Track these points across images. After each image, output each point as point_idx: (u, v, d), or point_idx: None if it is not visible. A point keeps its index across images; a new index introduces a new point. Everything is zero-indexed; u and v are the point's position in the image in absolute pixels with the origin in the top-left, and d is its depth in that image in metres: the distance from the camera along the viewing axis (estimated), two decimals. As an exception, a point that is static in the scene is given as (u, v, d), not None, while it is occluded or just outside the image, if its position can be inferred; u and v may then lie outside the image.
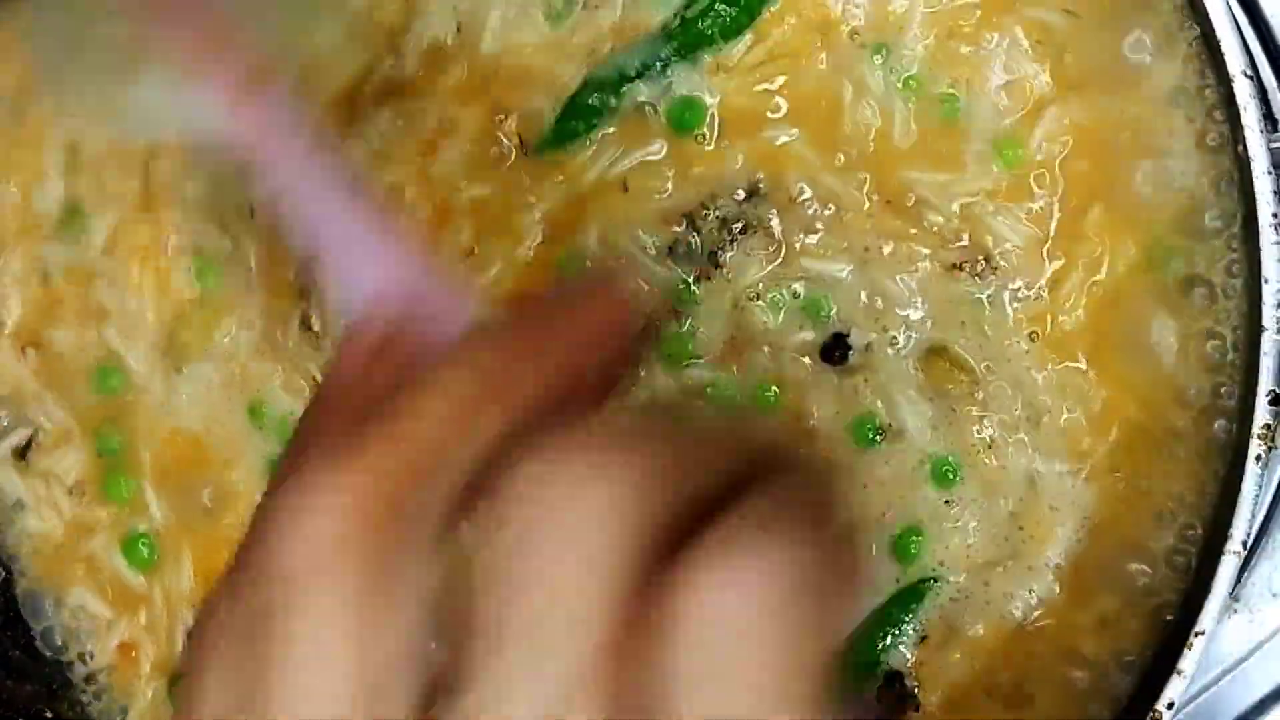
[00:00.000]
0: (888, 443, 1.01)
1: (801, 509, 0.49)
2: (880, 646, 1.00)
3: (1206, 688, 1.09)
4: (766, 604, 0.46)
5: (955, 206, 1.01)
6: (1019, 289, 1.01)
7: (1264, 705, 1.10)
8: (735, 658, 0.46)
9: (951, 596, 1.01)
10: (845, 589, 0.49)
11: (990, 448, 1.01)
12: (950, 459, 1.00)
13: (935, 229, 1.01)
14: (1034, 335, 1.01)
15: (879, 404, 1.01)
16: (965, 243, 1.01)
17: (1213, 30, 0.95)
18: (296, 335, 1.06)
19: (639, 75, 1.02)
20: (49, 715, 1.11)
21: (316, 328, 1.06)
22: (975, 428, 1.00)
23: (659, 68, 1.02)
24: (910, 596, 1.00)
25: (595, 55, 1.03)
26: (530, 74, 1.02)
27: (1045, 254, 1.00)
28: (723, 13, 1.01)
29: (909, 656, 1.01)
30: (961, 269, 1.01)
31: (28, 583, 1.11)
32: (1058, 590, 1.00)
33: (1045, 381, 1.00)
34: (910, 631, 1.01)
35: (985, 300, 1.01)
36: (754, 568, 0.46)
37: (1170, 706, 0.93)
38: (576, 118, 1.02)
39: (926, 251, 1.01)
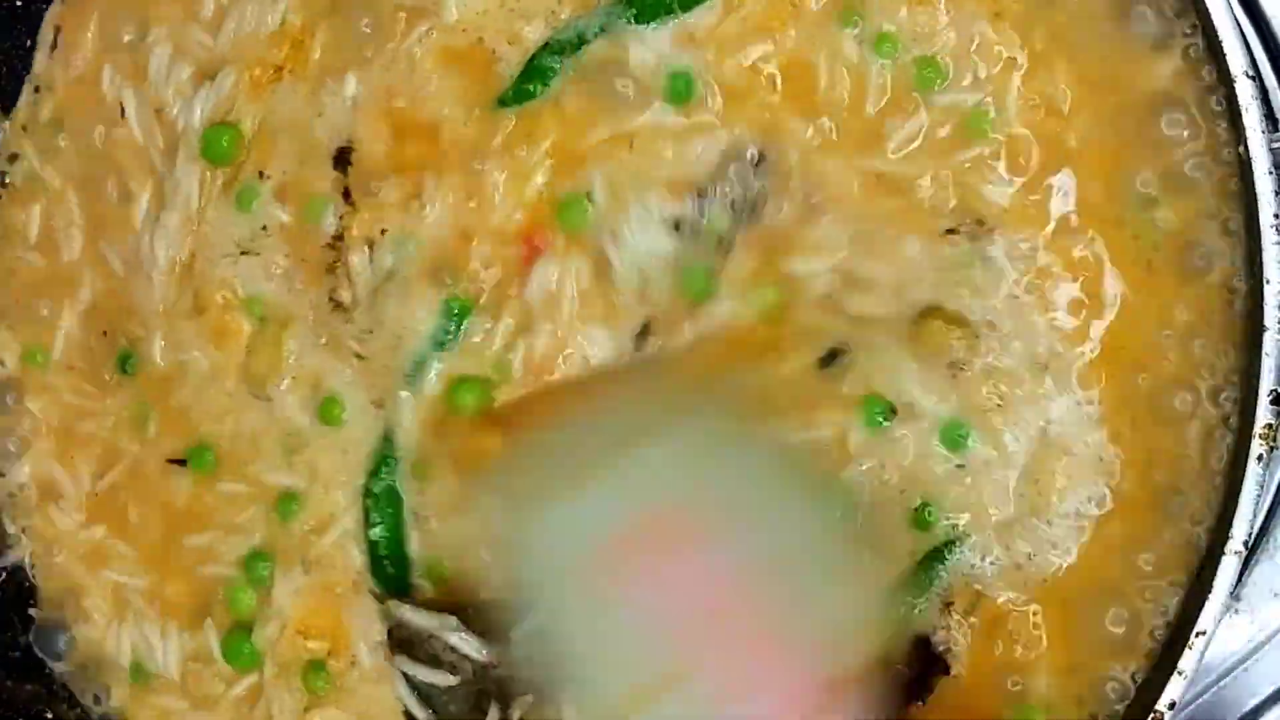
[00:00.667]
0: (898, 420, 1.01)
1: None
2: (907, 612, 1.01)
3: (1208, 688, 1.09)
4: None
5: (940, 175, 1.02)
6: (1014, 244, 1.01)
7: (1265, 705, 1.10)
8: None
9: (972, 562, 1.01)
10: None
11: (1000, 407, 1.01)
12: (959, 421, 1.01)
13: (926, 200, 1.02)
14: (1032, 287, 1.01)
15: (884, 381, 1.01)
16: (955, 206, 1.02)
17: (1214, 31, 0.95)
18: (328, 312, 1.08)
19: (596, 38, 1.04)
20: (49, 715, 1.11)
21: (346, 300, 1.08)
22: (983, 388, 1.01)
23: (619, 32, 1.04)
24: (934, 559, 1.01)
25: (554, 17, 1.05)
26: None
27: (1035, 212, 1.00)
28: None
29: (936, 622, 1.01)
30: (957, 232, 1.02)
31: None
32: (1076, 548, 1.00)
33: (1047, 327, 1.01)
34: (935, 595, 1.01)
35: (982, 258, 1.01)
36: None
37: (1172, 706, 0.93)
38: (533, 79, 1.05)
39: (920, 220, 1.02)
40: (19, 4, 1.14)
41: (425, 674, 1.03)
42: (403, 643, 1.04)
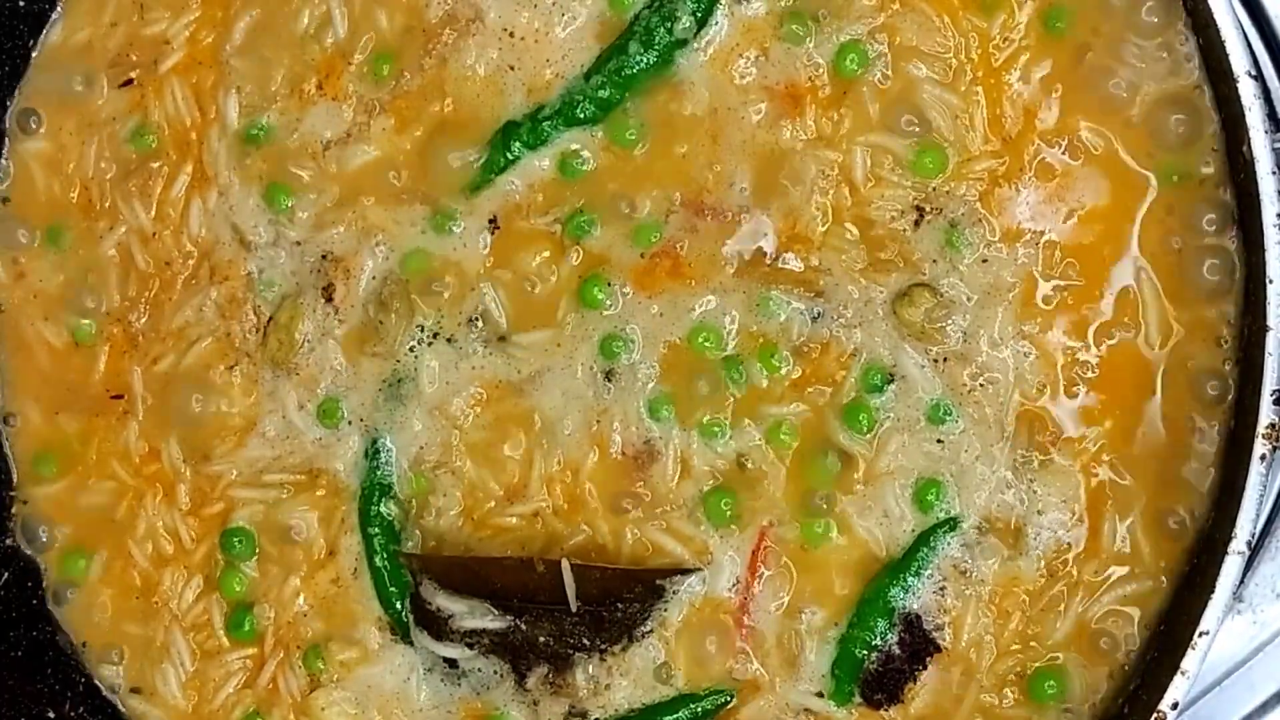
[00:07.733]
0: (895, 390, 1.03)
1: None
2: (900, 591, 1.02)
3: (1210, 688, 1.09)
4: None
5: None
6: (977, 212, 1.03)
7: (1268, 706, 1.10)
8: None
9: (964, 542, 1.02)
10: None
11: (979, 375, 1.02)
12: (944, 401, 1.02)
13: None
14: (993, 231, 1.03)
15: (882, 353, 1.03)
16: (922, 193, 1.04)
17: (1216, 31, 0.95)
18: (321, 309, 1.10)
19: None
20: (51, 715, 1.11)
21: (338, 299, 1.10)
22: (957, 335, 1.02)
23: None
24: (929, 539, 1.02)
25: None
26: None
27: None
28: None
29: (930, 601, 1.02)
30: (925, 214, 1.03)
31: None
32: (1071, 528, 1.02)
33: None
34: (930, 574, 1.02)
35: (948, 229, 1.03)
36: None
37: (1174, 707, 0.93)
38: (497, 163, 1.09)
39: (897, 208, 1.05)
40: (21, 3, 1.14)
41: (444, 649, 1.06)
42: (423, 617, 1.06)
